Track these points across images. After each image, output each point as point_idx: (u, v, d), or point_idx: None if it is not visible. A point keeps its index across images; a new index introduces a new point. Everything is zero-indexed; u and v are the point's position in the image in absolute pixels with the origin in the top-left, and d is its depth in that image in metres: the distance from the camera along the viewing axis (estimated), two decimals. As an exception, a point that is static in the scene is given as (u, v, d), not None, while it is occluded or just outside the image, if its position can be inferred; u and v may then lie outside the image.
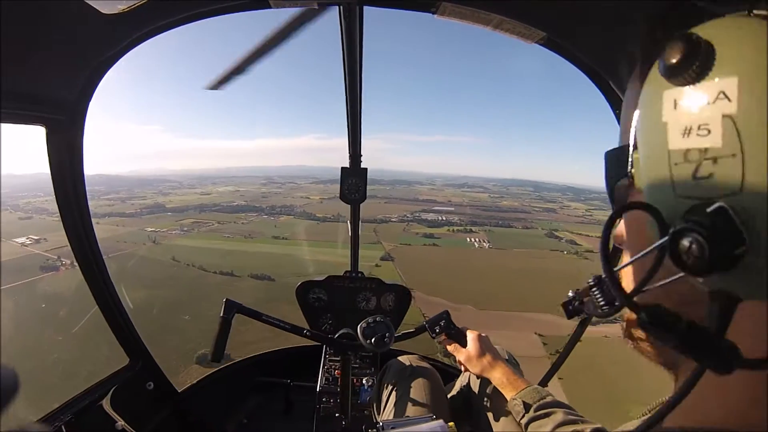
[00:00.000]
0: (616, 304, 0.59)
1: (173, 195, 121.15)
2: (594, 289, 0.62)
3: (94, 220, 1.90)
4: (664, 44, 0.46)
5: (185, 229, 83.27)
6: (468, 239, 79.38)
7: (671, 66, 0.43)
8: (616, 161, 0.60)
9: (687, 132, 0.43)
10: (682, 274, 0.44)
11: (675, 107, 0.44)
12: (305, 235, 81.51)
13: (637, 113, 0.52)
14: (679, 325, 0.43)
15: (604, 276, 0.58)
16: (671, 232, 0.44)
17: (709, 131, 0.41)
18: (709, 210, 0.42)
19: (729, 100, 0.40)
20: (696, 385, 0.44)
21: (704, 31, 0.42)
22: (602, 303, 0.61)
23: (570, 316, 1.03)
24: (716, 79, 0.40)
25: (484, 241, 77.82)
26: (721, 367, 0.41)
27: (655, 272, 0.48)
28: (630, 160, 0.57)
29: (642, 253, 0.53)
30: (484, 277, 55.65)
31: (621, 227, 0.66)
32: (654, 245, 0.49)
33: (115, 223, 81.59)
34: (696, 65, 0.41)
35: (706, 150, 0.42)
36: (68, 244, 1.87)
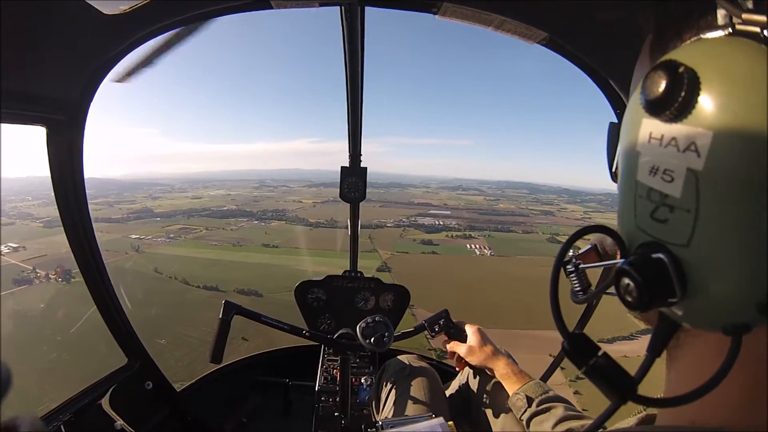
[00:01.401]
0: (589, 293, 0.62)
1: (163, 199, 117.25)
2: (572, 274, 0.62)
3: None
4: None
5: (171, 236, 79.31)
6: (468, 246, 76.20)
7: (650, 101, 0.42)
8: (613, 140, 0.58)
9: (654, 171, 0.43)
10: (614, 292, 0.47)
11: (649, 141, 0.44)
12: (297, 243, 77.81)
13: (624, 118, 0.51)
14: (593, 357, 0.46)
15: (579, 266, 0.62)
16: (617, 269, 0.46)
17: (673, 179, 0.41)
18: (652, 256, 0.43)
19: (698, 155, 0.38)
20: (615, 412, 0.48)
21: (694, 59, 0.40)
22: (578, 289, 0.63)
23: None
24: (691, 127, 0.39)
25: (484, 248, 74.70)
26: (616, 398, 0.45)
27: (608, 288, 0.50)
28: (616, 159, 0.56)
29: (600, 264, 0.60)
30: (488, 288, 52.25)
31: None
32: (608, 263, 0.54)
33: (100, 230, 77.16)
34: (674, 107, 0.40)
35: (666, 196, 0.42)
36: (68, 246, 1.93)
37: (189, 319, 35.66)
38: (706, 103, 0.38)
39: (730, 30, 0.40)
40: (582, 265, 0.62)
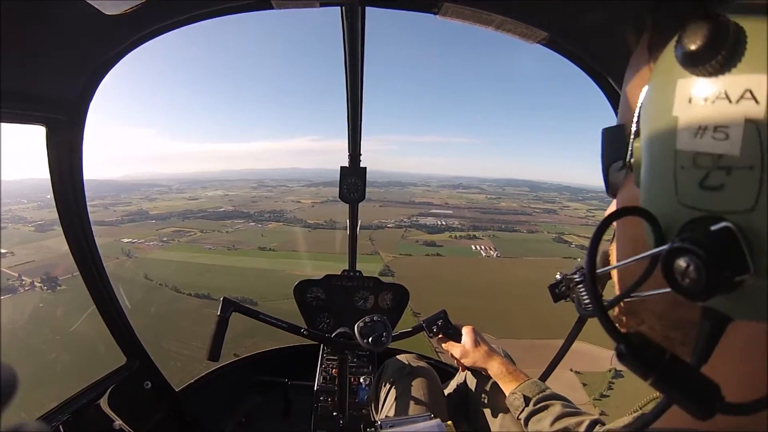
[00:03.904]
0: (604, 303, 0.53)
1: (159, 200, 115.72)
2: (580, 285, 0.57)
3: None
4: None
5: (165, 239, 77.00)
6: (473, 247, 74.06)
7: (691, 53, 0.37)
8: (613, 141, 0.55)
9: (700, 132, 0.38)
10: (668, 290, 0.40)
11: (690, 101, 0.39)
12: (295, 246, 75.21)
13: (643, 96, 0.47)
14: (661, 361, 0.39)
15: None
16: (668, 248, 0.39)
17: (727, 135, 0.36)
18: (713, 228, 0.37)
19: (756, 101, 0.34)
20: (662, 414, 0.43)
21: (734, 12, 0.37)
22: (587, 302, 0.57)
23: (556, 300, 1.12)
24: (744, 75, 0.35)
25: (490, 249, 72.59)
26: (701, 412, 0.38)
27: (642, 283, 0.46)
28: (629, 147, 0.52)
29: (631, 259, 0.50)
30: (498, 294, 49.39)
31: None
32: (645, 254, 0.45)
33: (92, 234, 75.14)
34: (722, 54, 0.36)
35: (720, 157, 0.37)
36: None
37: (179, 331, 33.19)
38: (756, 44, 0.35)
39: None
40: (598, 271, 0.55)
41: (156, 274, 52.52)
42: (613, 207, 0.59)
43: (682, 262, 0.38)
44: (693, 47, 0.37)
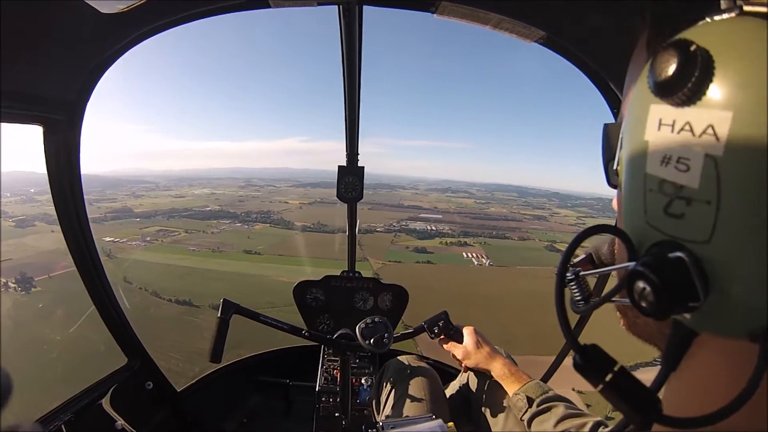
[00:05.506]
0: (591, 302, 0.57)
1: (146, 197, 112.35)
2: (572, 283, 0.59)
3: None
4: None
5: (148, 239, 74.43)
6: (464, 254, 72.78)
7: (660, 82, 0.38)
8: (609, 140, 0.56)
9: (666, 161, 0.39)
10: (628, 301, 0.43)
11: (659, 128, 0.40)
12: (281, 249, 73.23)
13: (626, 110, 0.47)
14: (609, 372, 0.41)
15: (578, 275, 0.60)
16: (629, 271, 0.42)
17: (688, 168, 0.37)
18: (669, 256, 0.39)
19: (717, 138, 0.35)
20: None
21: (705, 38, 0.37)
22: (578, 298, 0.60)
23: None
24: (707, 109, 0.36)
25: (482, 257, 71.36)
26: (639, 421, 0.40)
27: (617, 293, 0.47)
28: (617, 155, 0.53)
29: (607, 269, 0.55)
30: (491, 305, 47.62)
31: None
32: (612, 267, 0.49)
33: (71, 231, 72.38)
34: (688, 87, 0.36)
35: (681, 187, 0.38)
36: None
37: (156, 341, 31.47)
38: (723, 82, 0.35)
39: (737, 12, 0.37)
40: (582, 273, 0.59)
41: (136, 276, 50.26)
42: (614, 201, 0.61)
43: (640, 284, 0.40)
44: (661, 77, 0.38)
